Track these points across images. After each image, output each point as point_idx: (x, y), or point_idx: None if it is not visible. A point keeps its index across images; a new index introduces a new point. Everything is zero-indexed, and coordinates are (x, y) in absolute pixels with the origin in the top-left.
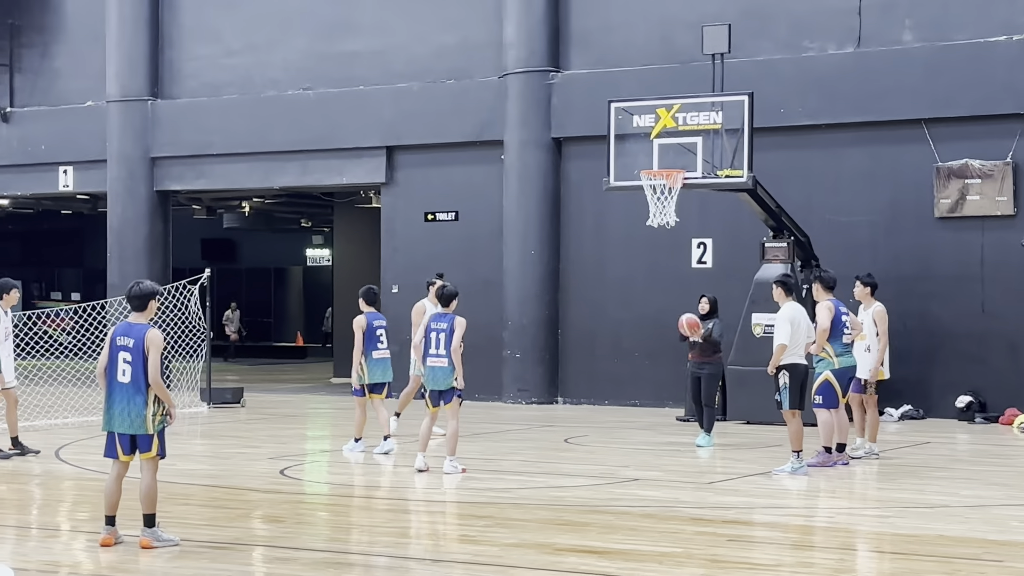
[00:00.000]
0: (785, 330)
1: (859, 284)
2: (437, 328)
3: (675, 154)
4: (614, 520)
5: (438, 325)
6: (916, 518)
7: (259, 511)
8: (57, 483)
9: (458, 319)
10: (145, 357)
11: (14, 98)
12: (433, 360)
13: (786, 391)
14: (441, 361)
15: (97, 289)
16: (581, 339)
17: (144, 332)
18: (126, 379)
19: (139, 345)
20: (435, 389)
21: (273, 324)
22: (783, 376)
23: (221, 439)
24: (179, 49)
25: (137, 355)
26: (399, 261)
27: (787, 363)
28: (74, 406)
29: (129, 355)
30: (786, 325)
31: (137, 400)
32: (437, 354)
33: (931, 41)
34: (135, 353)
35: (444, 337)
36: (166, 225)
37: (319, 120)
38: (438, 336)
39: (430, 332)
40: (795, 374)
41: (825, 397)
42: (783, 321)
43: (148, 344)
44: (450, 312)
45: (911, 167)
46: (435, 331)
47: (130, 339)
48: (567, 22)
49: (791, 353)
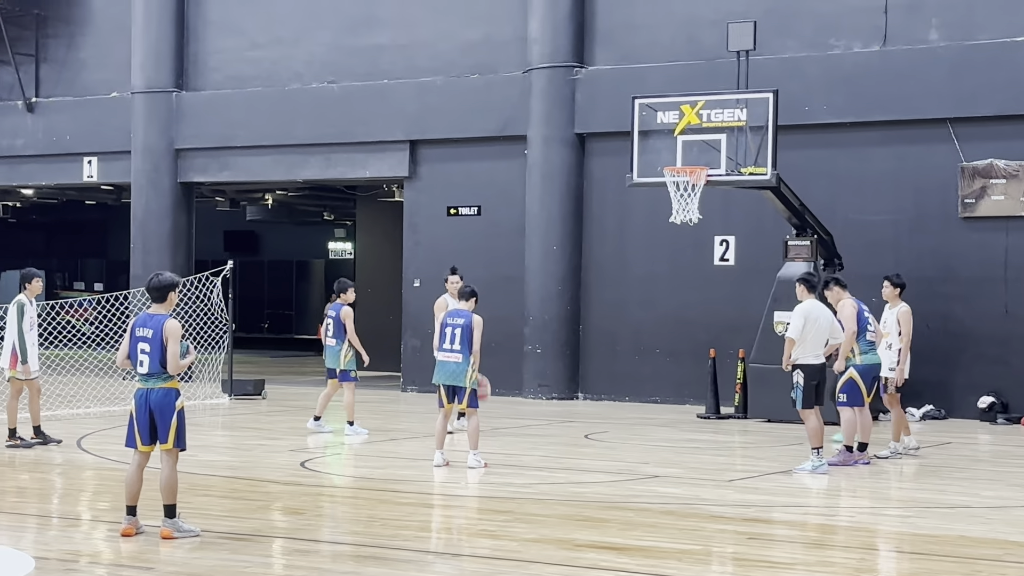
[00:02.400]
0: (797, 324)
1: (888, 284)
2: (453, 323)
3: (699, 151)
4: (634, 516)
5: (454, 320)
6: (937, 518)
7: (279, 503)
8: (78, 473)
9: (475, 318)
10: (163, 347)
11: (39, 88)
12: (446, 355)
13: (799, 390)
14: (455, 356)
15: (120, 280)
16: (602, 335)
17: (163, 322)
18: (144, 370)
19: (158, 335)
20: (447, 384)
21: (295, 317)
22: (797, 375)
23: (242, 431)
24: (204, 41)
25: (155, 345)
26: (421, 255)
27: (802, 362)
28: (96, 396)
29: (148, 345)
30: (799, 319)
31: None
32: (451, 349)
33: (957, 40)
34: (153, 343)
35: (460, 332)
36: (189, 217)
37: (343, 114)
38: (453, 331)
39: (445, 327)
40: (809, 373)
41: (850, 395)
42: (797, 316)
43: (167, 334)
44: (468, 309)
45: (936, 167)
46: (451, 326)
47: (149, 330)
48: (592, 18)
49: (807, 352)
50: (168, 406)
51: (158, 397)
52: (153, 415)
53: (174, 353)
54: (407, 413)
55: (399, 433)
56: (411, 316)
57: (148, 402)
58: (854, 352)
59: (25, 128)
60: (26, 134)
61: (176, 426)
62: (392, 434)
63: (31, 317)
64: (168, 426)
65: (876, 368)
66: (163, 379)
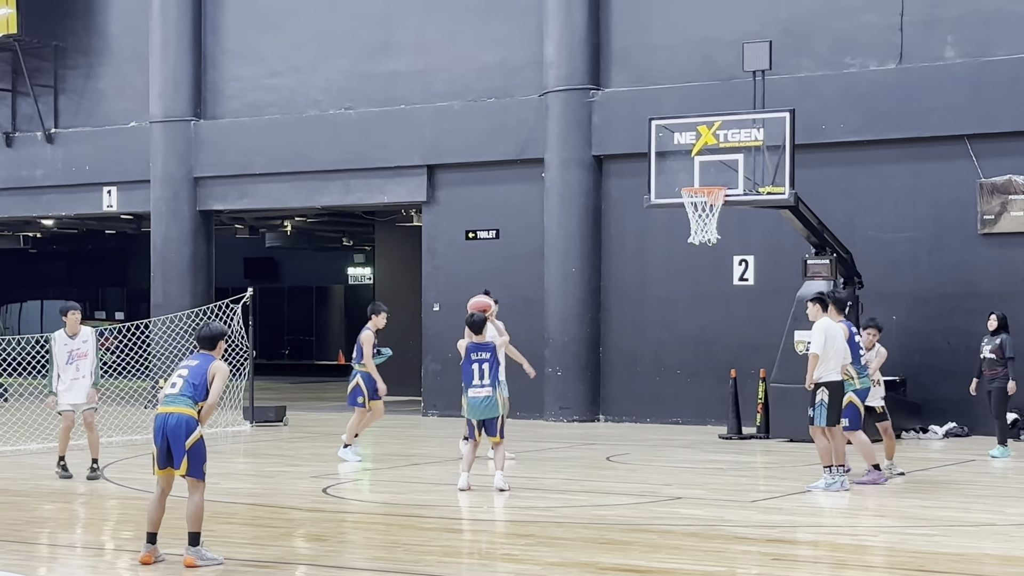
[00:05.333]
0: (819, 340)
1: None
2: (479, 359)
3: (716, 171)
4: (657, 539)
5: (480, 356)
6: (962, 536)
7: (302, 530)
8: (101, 502)
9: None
10: (205, 381)
11: (59, 119)
12: (476, 391)
13: (822, 407)
14: (485, 391)
15: (141, 308)
16: (623, 356)
17: (212, 360)
18: (175, 390)
19: (203, 367)
20: (479, 419)
21: (315, 342)
22: (822, 392)
23: (264, 457)
24: (222, 70)
25: (197, 373)
26: (440, 279)
27: (827, 380)
28: (118, 425)
29: (187, 371)
30: (820, 336)
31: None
32: (481, 384)
33: (973, 57)
34: (195, 371)
35: (488, 368)
36: (209, 244)
37: (361, 139)
38: (480, 366)
39: (471, 364)
40: (834, 391)
41: (851, 418)
42: (818, 332)
43: (213, 370)
44: (485, 339)
45: (954, 183)
46: (476, 362)
47: (196, 361)
48: (608, 40)
49: (830, 369)
50: (181, 434)
51: (174, 423)
52: (168, 440)
53: (217, 391)
54: (428, 438)
55: (420, 458)
56: (431, 340)
57: (165, 428)
58: (853, 376)
59: (45, 159)
60: (46, 165)
61: (190, 454)
62: (413, 459)
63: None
64: (181, 452)
65: (867, 392)
66: (185, 405)
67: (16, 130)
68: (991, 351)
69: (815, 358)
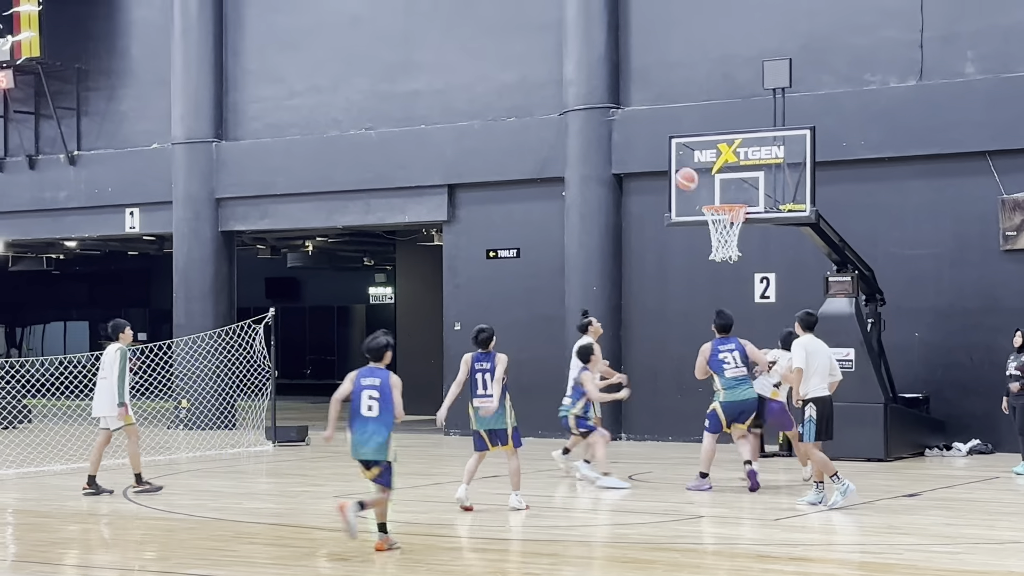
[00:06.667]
0: (800, 355)
1: None
2: (482, 369)
3: (737, 189)
4: (680, 557)
5: (481, 366)
6: (987, 554)
7: (325, 550)
8: (125, 523)
9: (499, 356)
10: (390, 397)
11: (81, 141)
12: (481, 400)
13: (811, 424)
14: (489, 401)
15: (163, 329)
16: (644, 375)
17: (388, 376)
18: (373, 414)
19: (385, 386)
20: (487, 429)
21: (336, 362)
22: (809, 409)
23: (286, 477)
24: (243, 91)
25: (385, 394)
26: (461, 299)
27: (813, 396)
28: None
29: (377, 393)
30: (800, 351)
31: (382, 432)
32: (484, 394)
33: (994, 73)
34: (383, 391)
35: (489, 377)
36: (231, 265)
37: (381, 159)
38: (483, 377)
39: (476, 373)
40: (821, 407)
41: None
42: (797, 348)
43: (392, 385)
44: (490, 351)
45: (975, 199)
46: (479, 372)
47: (376, 379)
48: (627, 59)
49: (816, 386)
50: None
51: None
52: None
53: (398, 402)
54: (450, 457)
55: (442, 477)
56: (452, 359)
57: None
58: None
59: (68, 181)
60: (69, 187)
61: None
62: (435, 478)
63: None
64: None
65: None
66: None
67: (39, 153)
68: (1017, 368)
69: (799, 372)
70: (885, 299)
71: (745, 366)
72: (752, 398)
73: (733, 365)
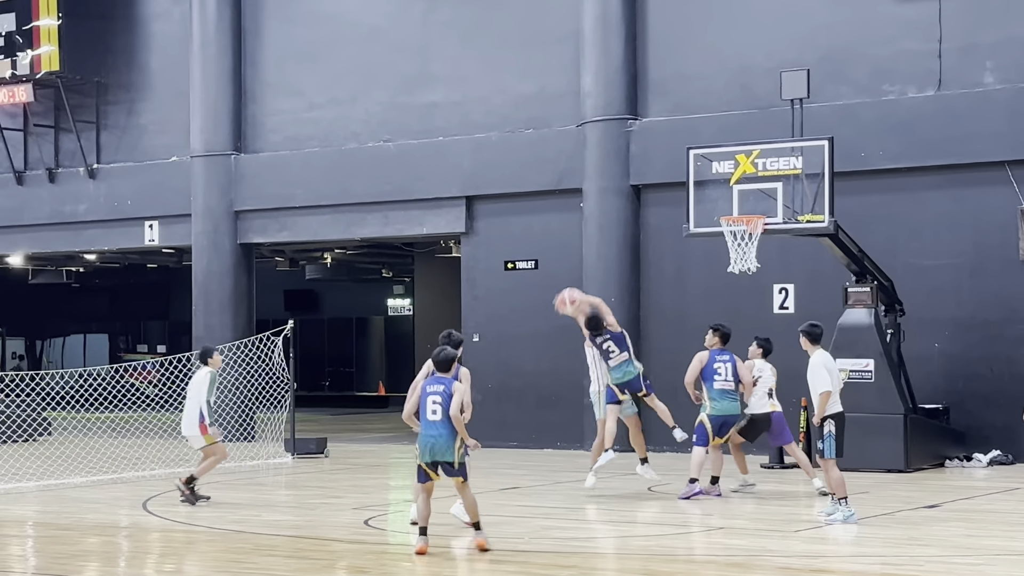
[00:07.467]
0: (823, 376)
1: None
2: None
3: (755, 200)
4: (699, 569)
5: (433, 388)
6: (1008, 565)
7: (343, 561)
8: (144, 535)
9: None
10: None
11: (101, 154)
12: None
13: (831, 439)
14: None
15: (183, 341)
16: (663, 386)
17: (451, 383)
18: (437, 417)
19: (448, 390)
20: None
21: (355, 374)
22: (828, 424)
23: (305, 489)
24: (262, 104)
25: (447, 399)
26: (480, 310)
27: (832, 412)
28: (161, 458)
29: (440, 398)
30: (822, 371)
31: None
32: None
33: (1012, 83)
34: (445, 397)
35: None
36: (250, 277)
37: (399, 171)
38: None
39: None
40: (840, 422)
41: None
42: (818, 368)
43: (454, 391)
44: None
45: (994, 209)
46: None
47: (440, 385)
48: (645, 70)
49: (833, 401)
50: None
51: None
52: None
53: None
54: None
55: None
56: (471, 370)
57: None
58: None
59: (87, 194)
60: (88, 200)
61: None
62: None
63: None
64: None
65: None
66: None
67: (59, 166)
68: None
69: (827, 395)
70: (904, 310)
71: (734, 380)
72: (735, 412)
73: (724, 377)
